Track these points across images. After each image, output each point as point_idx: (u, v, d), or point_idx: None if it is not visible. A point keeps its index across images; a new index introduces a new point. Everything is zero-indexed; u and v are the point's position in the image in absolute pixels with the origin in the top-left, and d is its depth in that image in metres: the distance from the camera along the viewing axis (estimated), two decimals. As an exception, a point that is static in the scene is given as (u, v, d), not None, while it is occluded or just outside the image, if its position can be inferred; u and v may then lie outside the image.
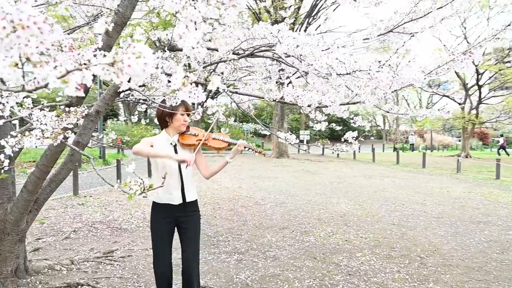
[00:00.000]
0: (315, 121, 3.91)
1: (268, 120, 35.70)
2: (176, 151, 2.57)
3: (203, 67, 3.42)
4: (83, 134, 3.33)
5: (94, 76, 1.09)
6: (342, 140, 3.21)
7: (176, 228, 2.64)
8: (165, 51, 3.20)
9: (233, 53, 3.38)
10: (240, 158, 18.01)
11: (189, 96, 1.81)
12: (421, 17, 3.73)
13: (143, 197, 2.03)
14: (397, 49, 3.11)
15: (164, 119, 2.58)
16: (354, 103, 3.36)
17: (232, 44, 3.58)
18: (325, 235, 5.27)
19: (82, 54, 1.31)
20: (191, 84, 1.31)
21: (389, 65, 2.30)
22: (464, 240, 5.08)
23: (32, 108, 2.15)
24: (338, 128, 5.54)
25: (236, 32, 4.19)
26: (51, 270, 3.48)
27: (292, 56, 2.88)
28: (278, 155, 18.64)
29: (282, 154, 18.65)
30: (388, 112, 3.74)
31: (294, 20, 17.38)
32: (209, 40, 1.81)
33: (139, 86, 3.87)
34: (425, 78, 3.12)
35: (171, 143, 2.58)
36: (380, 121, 43.49)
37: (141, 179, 1.98)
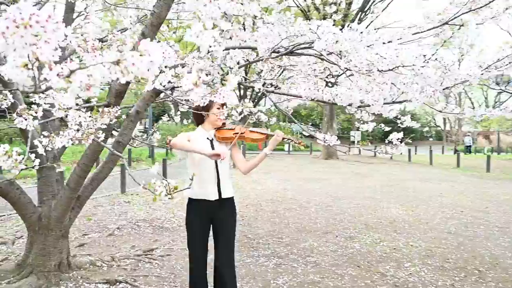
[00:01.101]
0: (361, 121, 3.74)
1: (318, 120, 35.22)
2: (212, 146, 2.57)
3: (239, 67, 3.40)
4: (123, 134, 3.45)
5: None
6: (386, 141, 3.03)
7: (211, 226, 2.64)
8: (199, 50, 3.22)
9: (274, 52, 3.32)
10: (288, 159, 17.92)
11: (216, 97, 1.77)
12: (481, 7, 3.44)
13: (169, 198, 2.03)
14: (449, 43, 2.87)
15: (201, 115, 2.59)
16: (400, 102, 3.17)
17: (272, 42, 3.53)
18: (371, 242, 5.04)
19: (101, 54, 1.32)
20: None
21: (436, 59, 2.11)
22: (532, 254, 4.62)
23: (68, 109, 2.25)
24: (387, 128, 5.27)
25: (276, 30, 4.11)
26: (93, 266, 3.65)
27: (333, 53, 2.77)
28: (327, 156, 18.27)
29: (331, 156, 18.26)
30: (440, 111, 3.50)
31: (345, 16, 16.94)
32: (230, 38, 1.77)
33: (177, 87, 3.94)
34: (482, 74, 2.86)
35: (207, 138, 2.59)
36: (440, 121, 41.22)
37: (166, 180, 1.99)
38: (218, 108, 2.57)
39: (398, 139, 2.87)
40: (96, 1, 3.43)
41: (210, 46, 1.30)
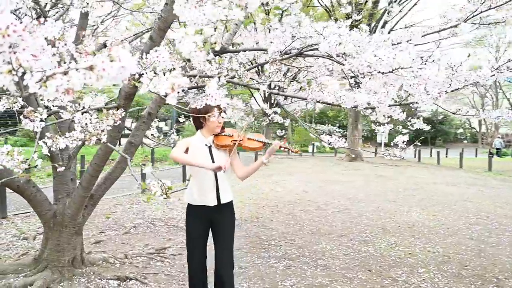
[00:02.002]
0: (377, 123, 3.71)
1: (346, 121, 34.76)
2: (211, 152, 2.62)
3: (247, 70, 3.45)
4: (135, 135, 3.58)
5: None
6: (392, 144, 3.00)
7: (210, 228, 2.70)
8: (209, 53, 3.30)
9: (285, 53, 3.36)
10: (311, 161, 17.83)
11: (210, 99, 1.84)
12: (501, 5, 3.36)
13: (164, 198, 2.11)
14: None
15: (199, 120, 2.64)
16: (407, 104, 3.13)
17: (283, 44, 3.57)
18: (386, 246, 4.98)
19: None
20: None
21: (433, 60, 2.09)
22: (557, 263, 4.43)
23: (75, 111, 2.38)
24: (404, 130, 5.19)
25: (288, 31, 4.15)
26: (105, 263, 3.80)
27: (338, 54, 2.78)
28: (351, 158, 18.04)
29: (355, 158, 18.02)
30: (455, 113, 3.44)
31: (371, 16, 16.66)
32: (215, 43, 1.83)
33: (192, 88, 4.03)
34: (493, 75, 2.79)
35: (206, 145, 2.63)
36: (476, 123, 39.82)
37: (161, 180, 2.07)
38: (216, 116, 2.57)
39: (404, 141, 2.85)
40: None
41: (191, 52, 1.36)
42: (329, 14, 16.29)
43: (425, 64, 2.08)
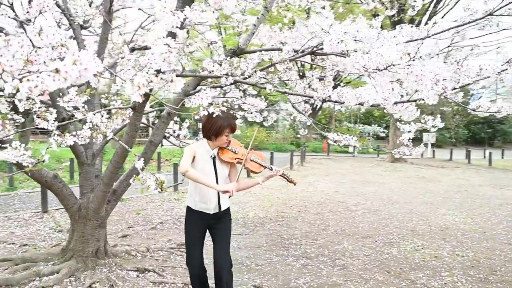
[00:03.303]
0: (402, 122, 3.68)
1: (393, 121, 33.67)
2: (214, 164, 2.72)
3: (260, 70, 3.55)
4: (155, 134, 3.80)
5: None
6: (402, 141, 2.98)
7: (208, 229, 2.84)
8: (219, 55, 3.44)
9: (301, 52, 3.43)
10: (350, 162, 17.53)
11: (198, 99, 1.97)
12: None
13: (159, 192, 2.28)
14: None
15: (209, 135, 2.69)
16: (414, 101, 3.09)
17: (299, 43, 3.64)
18: (412, 248, 4.87)
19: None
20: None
21: (420, 57, 2.08)
22: None
23: (86, 111, 2.61)
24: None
25: (304, 30, 4.23)
26: (127, 255, 4.05)
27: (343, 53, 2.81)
28: (393, 159, 17.53)
29: (398, 158, 17.47)
30: (474, 111, 3.35)
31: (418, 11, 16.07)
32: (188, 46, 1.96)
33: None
34: (506, 69, 2.70)
35: (211, 156, 2.73)
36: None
37: (154, 175, 2.24)
38: (227, 135, 2.67)
39: (409, 139, 2.82)
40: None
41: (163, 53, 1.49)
42: (372, 13, 15.92)
43: (413, 60, 2.08)
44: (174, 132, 4.26)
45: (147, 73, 1.68)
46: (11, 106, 3.07)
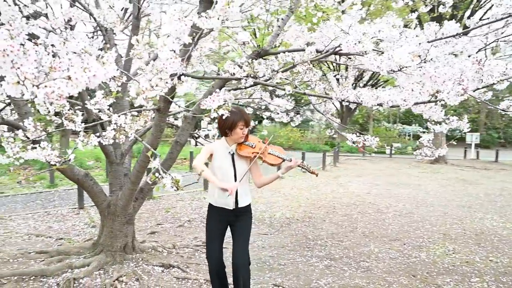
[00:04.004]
0: (432, 122, 3.63)
1: (434, 120, 32.46)
2: (233, 160, 2.83)
3: (283, 71, 3.61)
4: (181, 134, 3.95)
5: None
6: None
7: (229, 227, 2.93)
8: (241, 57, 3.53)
9: (324, 52, 3.47)
10: (386, 162, 17.14)
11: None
12: None
13: (175, 190, 2.40)
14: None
15: (224, 130, 2.81)
16: (434, 101, 3.05)
17: (322, 44, 3.67)
18: (442, 253, 4.75)
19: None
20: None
21: (431, 59, 2.07)
22: None
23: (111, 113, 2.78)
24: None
25: (330, 31, 4.22)
26: (154, 251, 4.24)
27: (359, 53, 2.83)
28: (432, 160, 16.95)
29: (437, 160, 16.88)
30: (504, 111, 3.26)
31: (454, 8, 15.47)
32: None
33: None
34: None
35: (229, 152, 2.83)
36: None
37: (169, 174, 2.35)
38: (241, 129, 2.76)
39: (429, 140, 2.78)
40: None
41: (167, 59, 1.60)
42: (411, 10, 15.47)
43: (424, 62, 2.07)
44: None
45: (160, 79, 1.79)
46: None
